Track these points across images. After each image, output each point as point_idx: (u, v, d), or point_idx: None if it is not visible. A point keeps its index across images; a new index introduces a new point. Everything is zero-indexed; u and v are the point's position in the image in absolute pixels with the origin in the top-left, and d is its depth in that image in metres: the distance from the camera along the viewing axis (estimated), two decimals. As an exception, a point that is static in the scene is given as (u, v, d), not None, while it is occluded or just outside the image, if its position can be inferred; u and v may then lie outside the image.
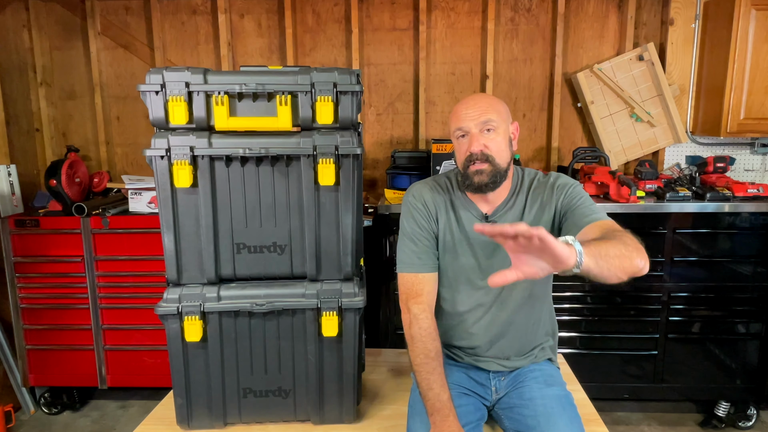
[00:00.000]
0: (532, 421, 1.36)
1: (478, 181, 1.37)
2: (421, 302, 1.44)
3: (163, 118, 1.39)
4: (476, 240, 1.45)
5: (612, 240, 1.12)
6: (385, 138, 3.25)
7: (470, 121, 1.37)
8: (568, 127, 3.18)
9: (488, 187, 1.38)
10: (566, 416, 1.35)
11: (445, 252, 1.48)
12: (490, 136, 1.37)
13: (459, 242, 1.47)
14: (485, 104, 1.38)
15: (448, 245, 1.48)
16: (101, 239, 2.66)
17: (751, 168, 3.08)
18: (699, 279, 2.59)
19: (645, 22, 3.06)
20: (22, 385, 2.82)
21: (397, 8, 3.10)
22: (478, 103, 1.38)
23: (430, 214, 1.48)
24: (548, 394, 1.41)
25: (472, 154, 1.37)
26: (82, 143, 3.26)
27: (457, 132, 1.41)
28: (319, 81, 1.39)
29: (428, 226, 1.48)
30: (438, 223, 1.48)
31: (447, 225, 1.48)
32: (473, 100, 1.40)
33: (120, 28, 3.17)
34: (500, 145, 1.38)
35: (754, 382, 2.64)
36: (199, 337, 1.45)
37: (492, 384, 1.52)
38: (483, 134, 1.37)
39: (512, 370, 1.52)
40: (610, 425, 2.50)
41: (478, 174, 1.37)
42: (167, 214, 1.43)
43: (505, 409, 1.48)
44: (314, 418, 1.56)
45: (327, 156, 1.40)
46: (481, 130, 1.37)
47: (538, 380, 1.46)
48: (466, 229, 1.46)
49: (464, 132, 1.39)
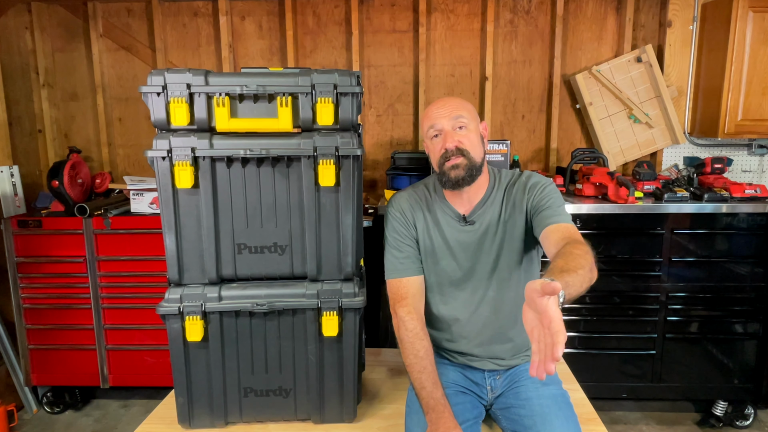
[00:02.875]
0: (528, 420, 1.37)
1: (455, 175, 1.41)
2: (407, 305, 1.48)
3: (164, 120, 1.40)
4: (455, 243, 1.49)
5: (576, 266, 1.16)
6: (385, 139, 3.26)
7: (443, 119, 1.43)
8: (567, 128, 3.19)
9: (465, 181, 1.42)
10: (562, 415, 1.36)
11: (427, 257, 1.53)
12: (463, 132, 1.43)
13: (438, 246, 1.51)
14: (455, 104, 1.45)
15: (428, 249, 1.52)
16: (103, 240, 2.68)
17: (748, 169, 3.09)
18: (697, 279, 2.61)
19: (643, 24, 3.08)
20: (25, 384, 2.83)
21: (397, 10, 3.12)
22: (448, 104, 1.44)
23: (408, 221, 1.53)
24: (544, 394, 1.42)
25: (447, 150, 1.41)
26: (84, 144, 3.27)
27: (430, 131, 1.46)
28: (320, 82, 1.40)
29: (408, 233, 1.52)
30: (417, 229, 1.52)
31: (425, 229, 1.52)
32: (443, 101, 1.46)
33: (122, 30, 3.19)
34: (473, 141, 1.43)
35: (751, 382, 2.65)
36: (200, 337, 1.46)
37: (487, 383, 1.54)
38: (456, 131, 1.42)
39: (507, 368, 1.54)
40: (609, 424, 2.51)
41: (455, 168, 1.41)
42: (169, 214, 1.43)
43: (502, 410, 1.49)
44: (314, 418, 1.57)
45: (327, 157, 1.40)
46: (454, 127, 1.42)
47: (534, 380, 1.47)
48: (444, 232, 1.50)
49: (437, 131, 1.44)
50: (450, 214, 1.51)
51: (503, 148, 2.72)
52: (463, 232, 1.49)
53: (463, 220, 1.49)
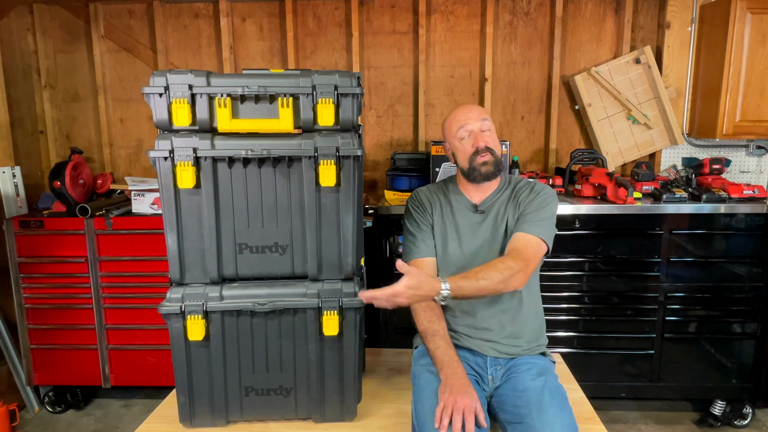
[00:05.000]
0: (523, 410, 1.40)
1: (486, 170, 1.60)
2: None
3: (166, 120, 1.41)
4: (465, 228, 1.65)
5: (483, 276, 1.41)
6: (385, 140, 3.27)
7: (473, 122, 1.62)
8: (566, 129, 3.20)
9: (493, 174, 1.61)
10: (556, 404, 1.39)
11: (438, 240, 1.68)
12: (488, 134, 1.63)
13: (450, 230, 1.66)
14: (480, 110, 1.66)
15: (441, 232, 1.67)
16: (105, 240, 2.69)
17: (746, 170, 3.10)
18: (695, 279, 2.62)
19: (642, 25, 3.09)
20: (27, 384, 2.84)
21: (396, 12, 3.14)
22: (474, 109, 1.64)
23: (425, 208, 1.70)
24: (539, 385, 1.46)
25: (479, 149, 1.59)
26: (85, 145, 3.29)
27: (461, 132, 1.62)
28: (320, 84, 1.41)
29: (424, 219, 1.69)
30: (433, 215, 1.69)
31: (441, 214, 1.69)
32: (469, 107, 1.66)
33: (123, 32, 3.20)
34: (496, 141, 1.64)
35: (749, 381, 2.66)
36: (201, 336, 1.47)
37: (489, 372, 1.58)
38: (483, 133, 1.61)
39: (508, 359, 1.59)
40: (608, 424, 2.52)
41: (486, 165, 1.59)
42: (170, 214, 1.44)
43: (499, 402, 1.52)
44: (315, 417, 1.58)
45: (328, 157, 1.42)
46: (481, 129, 1.62)
47: (531, 372, 1.52)
48: (456, 217, 1.67)
49: (469, 131, 1.61)
50: (464, 203, 1.68)
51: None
52: (474, 220, 1.64)
53: (475, 208, 1.66)
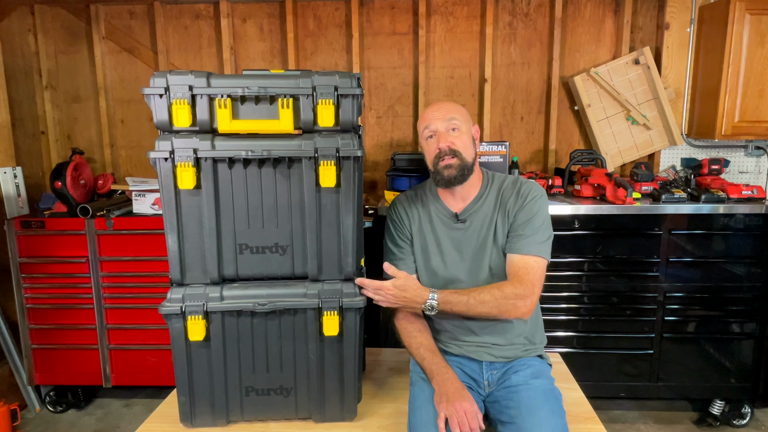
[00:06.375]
0: (514, 411, 1.39)
1: (447, 174, 1.51)
2: None
3: (166, 121, 1.41)
4: (446, 240, 1.58)
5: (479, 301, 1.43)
6: (385, 140, 3.28)
7: (437, 121, 1.53)
8: (566, 129, 3.21)
9: (457, 179, 1.51)
10: (548, 407, 1.38)
11: (419, 254, 1.62)
12: (456, 134, 1.53)
13: (430, 243, 1.60)
14: (449, 107, 1.55)
15: (421, 246, 1.62)
16: (105, 240, 2.70)
17: (745, 170, 3.11)
18: (694, 279, 2.62)
19: (641, 26, 3.09)
20: (28, 383, 2.85)
21: (396, 13, 3.14)
22: (443, 107, 1.55)
23: (404, 223, 1.64)
24: (533, 386, 1.45)
25: (441, 150, 1.51)
26: (86, 146, 3.29)
27: (425, 132, 1.55)
28: (321, 84, 1.41)
29: (403, 234, 1.63)
30: (412, 228, 1.63)
31: (420, 227, 1.62)
32: (438, 104, 1.57)
33: (124, 33, 3.21)
34: (465, 142, 1.53)
35: (748, 381, 2.67)
36: (202, 337, 1.47)
37: (485, 377, 1.56)
38: (449, 133, 1.52)
39: (505, 362, 1.56)
40: (607, 423, 2.53)
41: (448, 168, 1.50)
42: (171, 215, 1.45)
43: (492, 403, 1.51)
44: (315, 416, 1.58)
45: (328, 158, 1.42)
46: (447, 129, 1.52)
47: (526, 373, 1.50)
48: (437, 229, 1.60)
49: (432, 131, 1.54)
50: (443, 212, 1.60)
51: (502, 150, 2.73)
52: (455, 230, 1.57)
53: (455, 218, 1.58)
